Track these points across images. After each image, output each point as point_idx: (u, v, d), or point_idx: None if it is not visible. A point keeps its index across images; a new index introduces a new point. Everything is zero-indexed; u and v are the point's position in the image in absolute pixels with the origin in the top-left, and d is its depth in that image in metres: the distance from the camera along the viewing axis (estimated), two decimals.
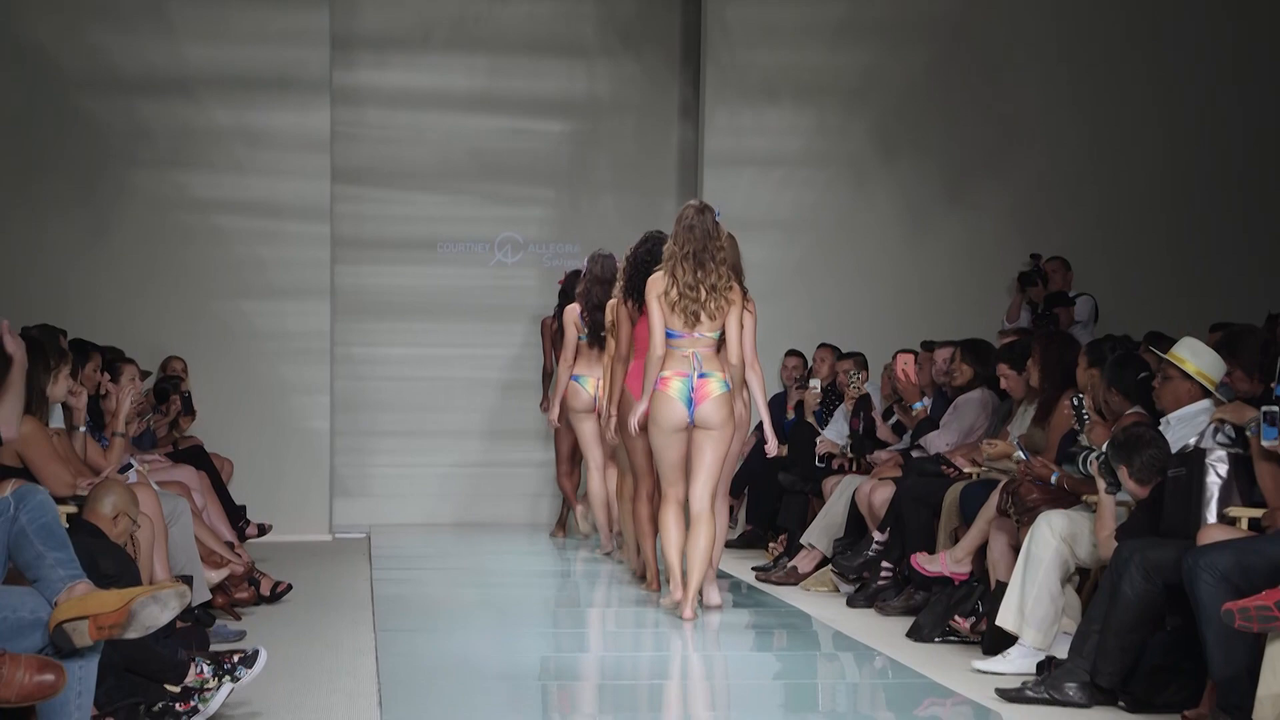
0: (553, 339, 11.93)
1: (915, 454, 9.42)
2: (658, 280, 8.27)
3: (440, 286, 13.11)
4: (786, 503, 10.62)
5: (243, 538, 9.85)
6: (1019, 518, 7.42)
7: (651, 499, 9.06)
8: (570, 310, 10.78)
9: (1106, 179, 12.96)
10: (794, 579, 9.65)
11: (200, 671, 5.91)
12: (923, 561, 8.16)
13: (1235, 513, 6.33)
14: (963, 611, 7.74)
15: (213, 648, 6.82)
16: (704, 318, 8.18)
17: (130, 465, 7.66)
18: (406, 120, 13.06)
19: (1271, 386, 6.27)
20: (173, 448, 10.06)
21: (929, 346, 10.11)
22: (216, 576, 8.09)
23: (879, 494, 9.05)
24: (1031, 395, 8.51)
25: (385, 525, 12.61)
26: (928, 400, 9.75)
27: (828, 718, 6.79)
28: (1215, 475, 6.38)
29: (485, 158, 13.14)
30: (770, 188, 12.80)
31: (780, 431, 11.43)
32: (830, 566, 9.39)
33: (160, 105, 12.24)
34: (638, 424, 8.48)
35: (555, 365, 11.34)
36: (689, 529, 8.28)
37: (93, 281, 12.10)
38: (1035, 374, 8.38)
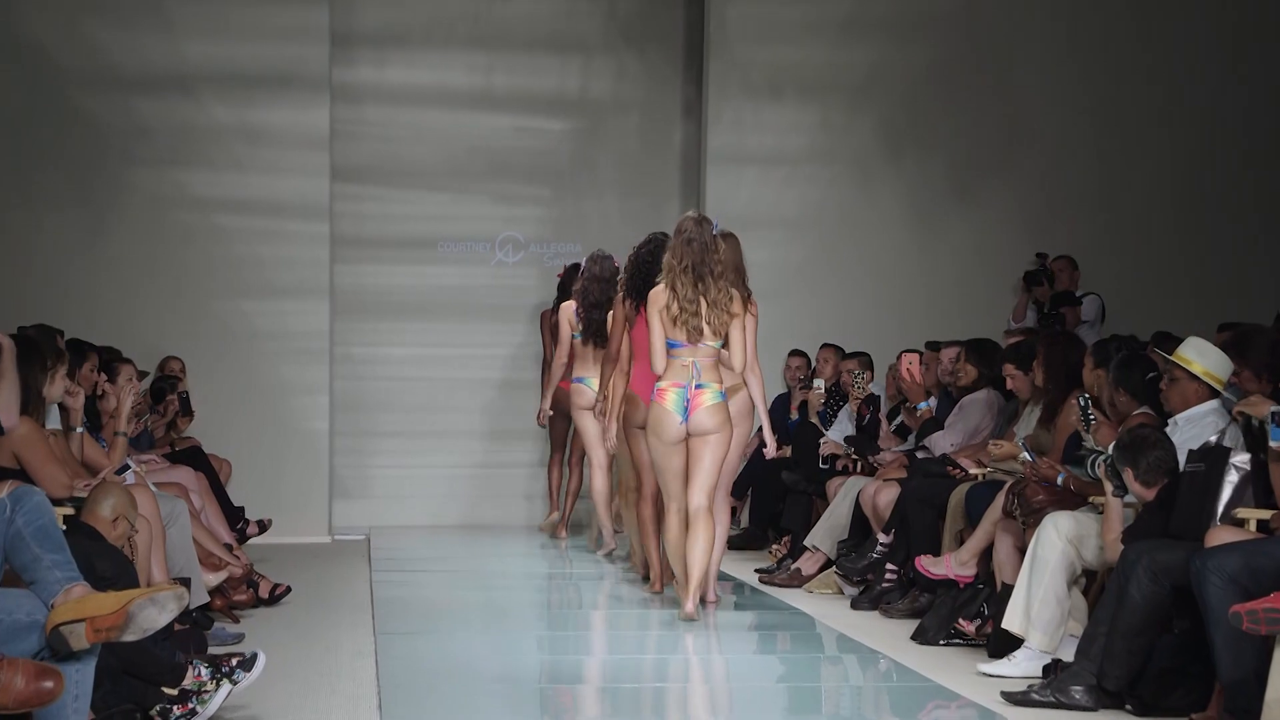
0: (551, 331, 11.95)
1: (920, 455, 9.41)
2: (658, 295, 8.32)
3: (441, 286, 13.10)
4: (790, 504, 10.62)
5: (243, 538, 9.85)
6: (1025, 519, 7.41)
7: (654, 499, 9.12)
8: (566, 307, 10.83)
9: (1114, 177, 12.93)
10: (797, 581, 9.65)
11: (198, 674, 5.91)
12: (927, 564, 8.16)
13: (1244, 513, 6.31)
14: (968, 614, 7.73)
15: (211, 650, 6.82)
16: (706, 331, 8.25)
17: (128, 466, 7.65)
18: (407, 118, 13.05)
19: None
20: (170, 448, 10.05)
21: (934, 346, 10.10)
22: (215, 579, 8.08)
23: (884, 495, 9.04)
24: (1037, 396, 8.50)
25: (385, 527, 12.60)
26: (933, 400, 9.74)
27: None
28: (1235, 474, 6.35)
29: (486, 156, 13.13)
30: (774, 186, 12.78)
31: (784, 432, 11.43)
32: (834, 568, 9.38)
33: (159, 103, 12.22)
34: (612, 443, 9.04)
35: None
36: (688, 530, 8.33)
37: (90, 281, 12.09)
38: (1040, 375, 8.39)
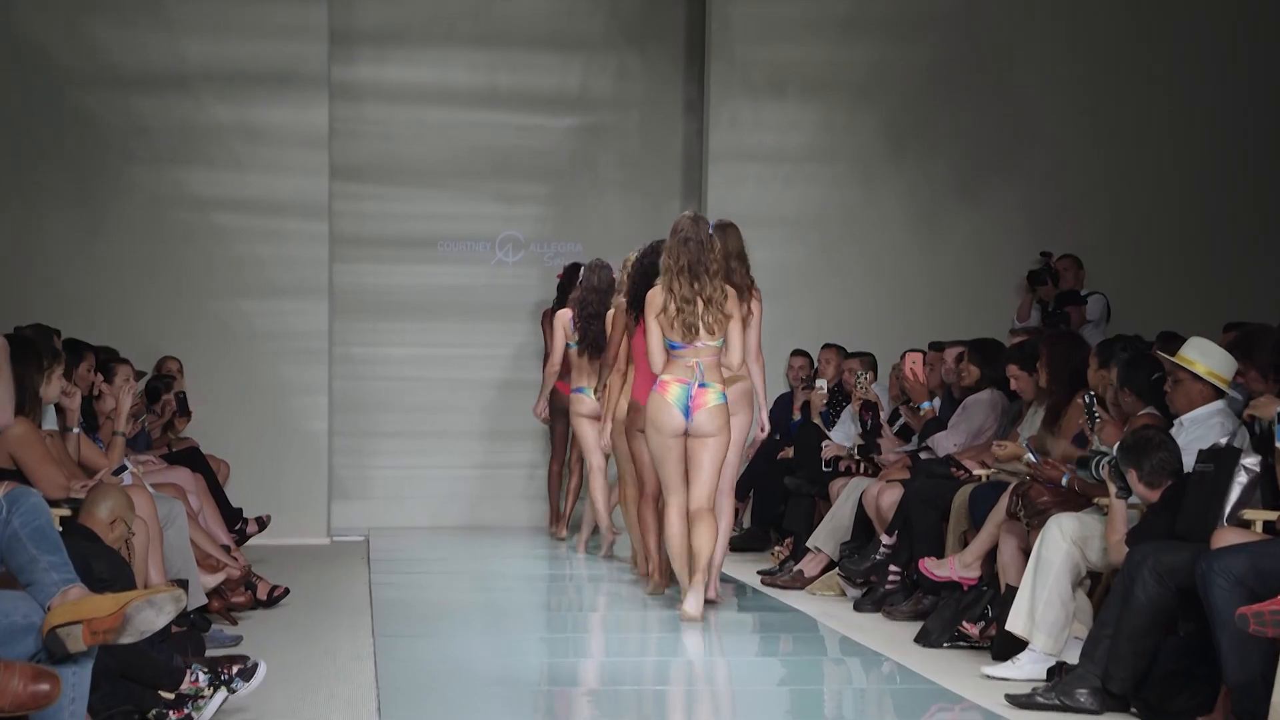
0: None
1: (923, 455, 9.41)
2: (655, 296, 8.42)
3: (440, 286, 13.10)
4: (792, 505, 10.61)
5: (242, 539, 9.84)
6: (1029, 521, 7.40)
7: (655, 499, 9.18)
8: (562, 315, 10.92)
9: (1118, 176, 12.92)
10: (800, 583, 9.64)
11: (195, 679, 5.90)
12: (931, 566, 8.15)
13: (1250, 515, 6.30)
14: (971, 616, 7.72)
15: (209, 653, 6.82)
16: (702, 331, 8.33)
17: (125, 467, 7.65)
18: (406, 116, 13.04)
19: None
20: (168, 449, 10.05)
21: (937, 347, 10.09)
22: (213, 581, 8.08)
23: (886, 496, 9.03)
24: (1041, 397, 8.49)
25: (384, 528, 12.61)
26: (937, 400, 9.73)
27: None
28: (1245, 475, 6.33)
29: (486, 155, 13.12)
30: (776, 185, 12.78)
31: (786, 433, 11.44)
32: (837, 570, 9.38)
33: (157, 101, 12.22)
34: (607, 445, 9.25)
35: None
36: (691, 527, 8.40)
37: (89, 280, 12.09)
38: (1044, 376, 8.38)
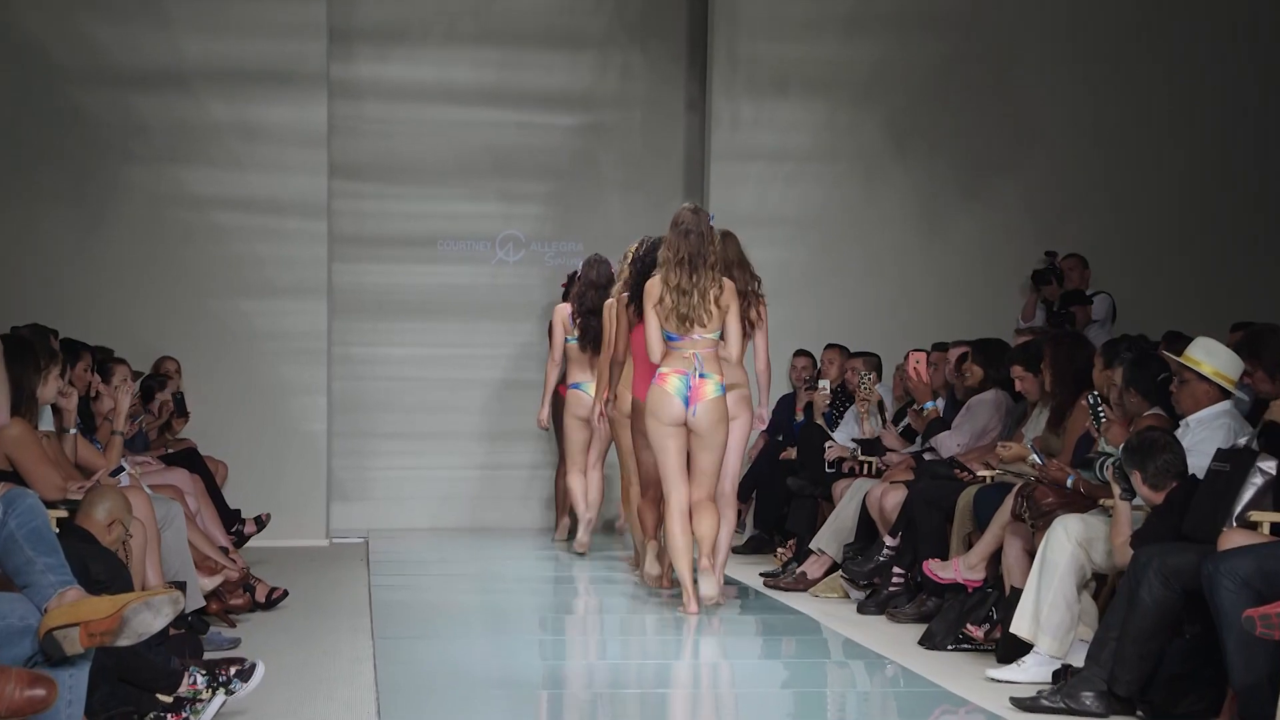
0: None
1: (927, 456, 9.40)
2: (654, 287, 8.53)
3: (440, 285, 13.09)
4: (795, 507, 10.60)
5: (241, 540, 9.84)
6: (1034, 522, 7.40)
7: (656, 500, 9.25)
8: (560, 310, 11.01)
9: (1123, 175, 12.92)
10: (803, 585, 9.64)
11: (194, 682, 5.90)
12: (935, 568, 8.14)
13: (1257, 517, 6.29)
14: (976, 618, 7.72)
15: (207, 656, 6.81)
16: (695, 323, 8.43)
17: (122, 468, 7.64)
18: (406, 115, 13.03)
19: None
20: (166, 450, 10.04)
21: (941, 348, 10.09)
22: (210, 583, 8.08)
23: (890, 498, 9.03)
24: (1046, 398, 8.49)
25: (384, 530, 12.60)
26: (941, 400, 9.73)
27: None
28: (1260, 477, 6.32)
29: (487, 153, 13.11)
30: (778, 184, 12.78)
31: (789, 434, 11.44)
32: (840, 572, 9.38)
33: (156, 99, 12.22)
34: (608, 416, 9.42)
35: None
36: (693, 519, 8.54)
37: (86, 280, 12.09)
38: (1048, 376, 8.38)
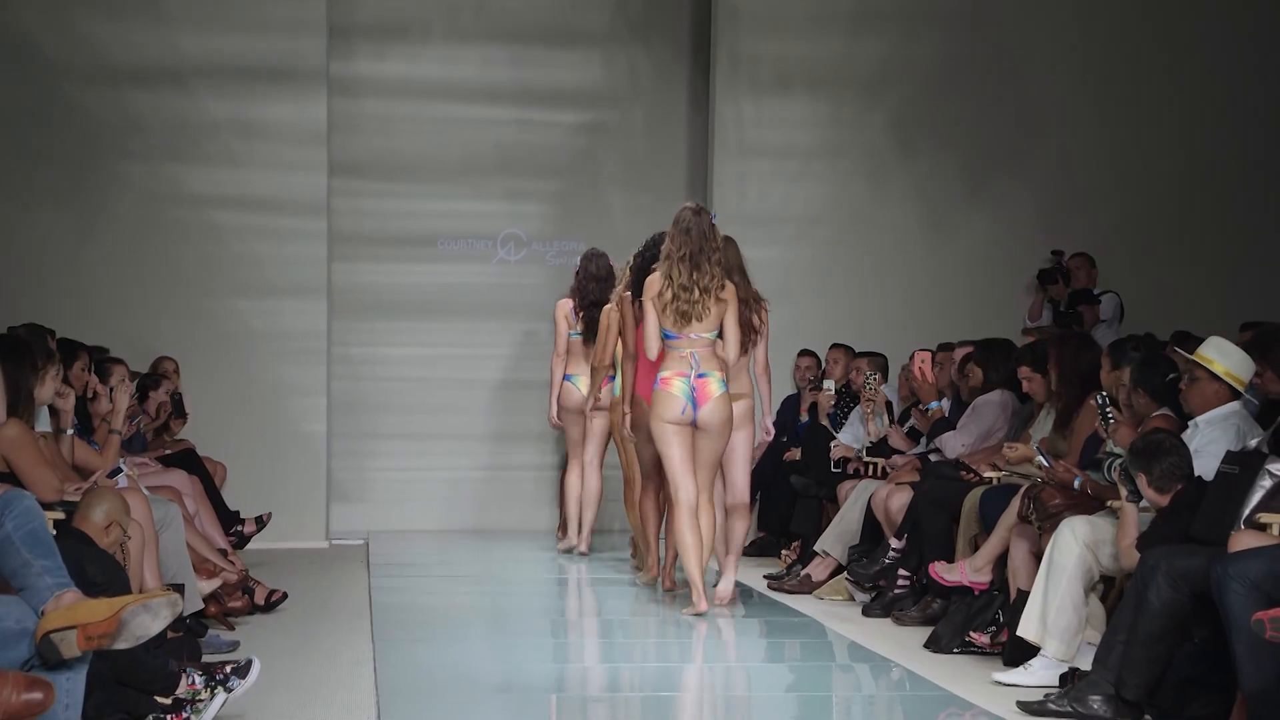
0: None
1: (932, 457, 9.40)
2: (653, 282, 8.63)
3: (441, 284, 13.08)
4: (800, 508, 10.61)
5: (241, 542, 9.85)
6: (1041, 524, 7.39)
7: (656, 493, 9.44)
8: (562, 304, 11.04)
9: (1131, 173, 12.91)
10: (808, 587, 9.64)
11: (192, 683, 5.91)
12: (941, 571, 8.14)
13: (1266, 518, 6.29)
14: (981, 624, 7.72)
15: (205, 658, 6.81)
16: (694, 320, 8.51)
17: (120, 470, 7.65)
18: (406, 112, 13.03)
19: None
20: (163, 451, 10.04)
21: (946, 347, 10.08)
22: (209, 586, 8.07)
23: (896, 499, 9.03)
24: (1053, 398, 8.49)
25: (384, 531, 12.59)
26: (946, 400, 9.73)
27: None
28: (1269, 479, 6.31)
29: (487, 151, 13.11)
30: (783, 182, 12.77)
31: (793, 434, 11.44)
32: (845, 574, 9.38)
33: (152, 96, 12.22)
34: (629, 433, 9.38)
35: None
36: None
37: (82, 279, 12.08)
38: (1054, 377, 8.38)
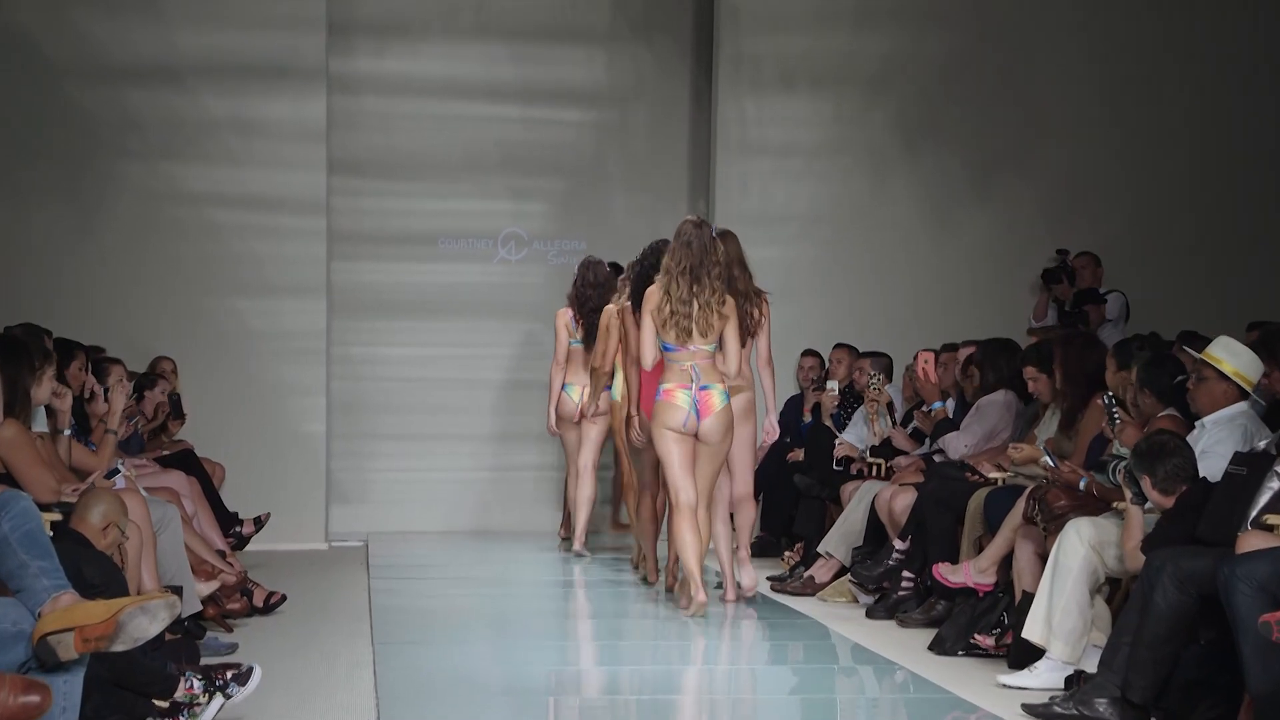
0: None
1: (936, 458, 9.40)
2: (652, 294, 8.68)
3: (441, 284, 13.08)
4: (803, 509, 10.61)
5: (240, 543, 9.85)
6: (1046, 525, 7.39)
7: (655, 500, 9.53)
8: (562, 314, 11.19)
9: (1137, 171, 12.90)
10: (811, 589, 9.64)
11: (190, 686, 5.90)
12: (945, 572, 8.13)
13: (1274, 520, 6.28)
14: (985, 627, 7.71)
15: (204, 661, 6.81)
16: (695, 333, 8.57)
17: (117, 470, 7.65)
18: (406, 110, 13.02)
19: None
20: (161, 452, 10.04)
21: (951, 348, 10.08)
22: (207, 588, 8.07)
23: (900, 500, 9.03)
24: (1058, 399, 8.49)
25: (384, 533, 12.59)
26: (950, 401, 9.72)
27: None
28: (1277, 481, 6.29)
29: (489, 150, 13.10)
30: (786, 180, 12.76)
31: (796, 435, 11.44)
32: (849, 576, 9.38)
33: (150, 94, 12.22)
34: (637, 435, 9.39)
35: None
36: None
37: (79, 279, 12.08)
38: (1059, 377, 8.38)
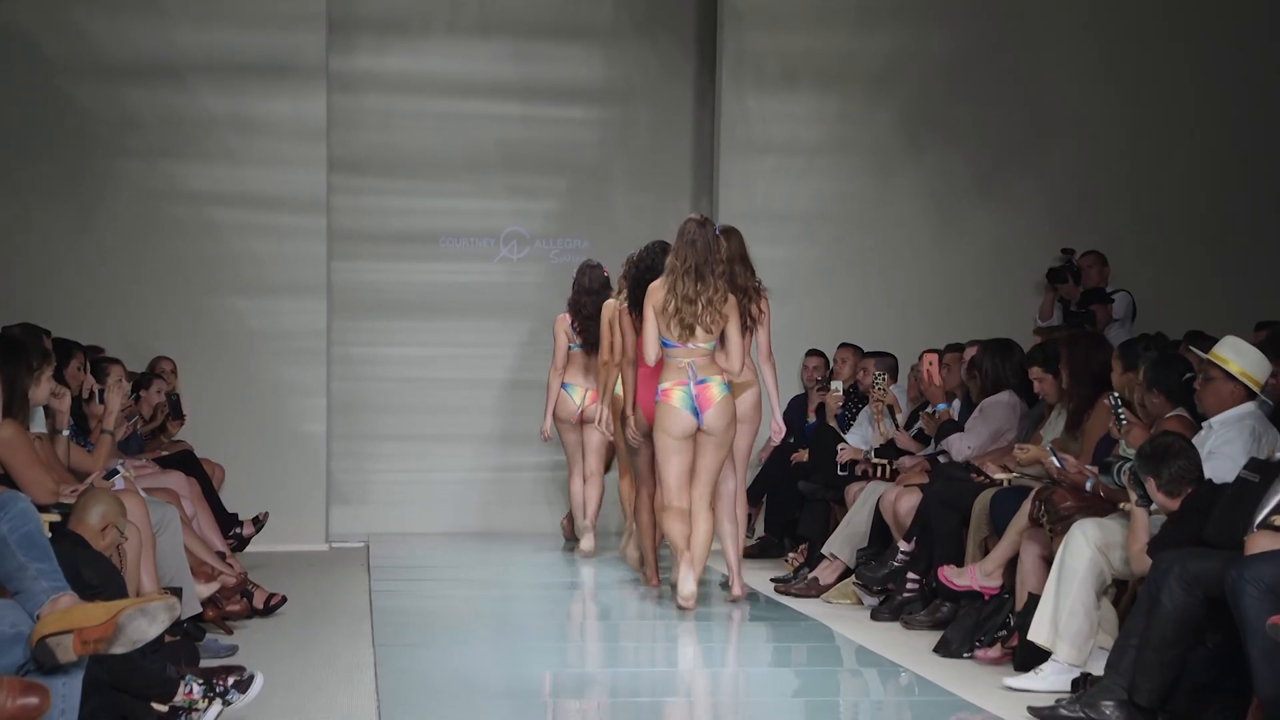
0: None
1: (941, 459, 9.40)
2: (656, 291, 8.75)
3: (442, 283, 13.08)
4: (807, 511, 10.60)
5: (240, 544, 9.85)
6: (1052, 527, 7.39)
7: (652, 500, 9.50)
8: (561, 320, 11.41)
9: (1143, 170, 12.90)
10: (815, 591, 9.64)
11: (190, 691, 5.90)
12: (951, 575, 8.13)
13: None
14: (992, 627, 7.71)
15: (204, 664, 6.81)
16: (699, 330, 8.66)
17: (116, 471, 7.65)
18: (407, 108, 13.02)
19: None
20: (160, 452, 10.04)
21: (956, 348, 10.07)
22: (207, 589, 8.07)
23: (904, 501, 9.03)
24: (1065, 399, 8.48)
25: (384, 534, 12.59)
26: (956, 402, 9.72)
27: None
28: None
29: (490, 148, 13.10)
30: (790, 178, 12.76)
31: (800, 435, 11.43)
32: (853, 578, 9.38)
33: (149, 92, 12.22)
34: (633, 433, 9.42)
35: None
36: (690, 525, 8.79)
37: (78, 278, 12.09)
38: (1065, 377, 8.38)
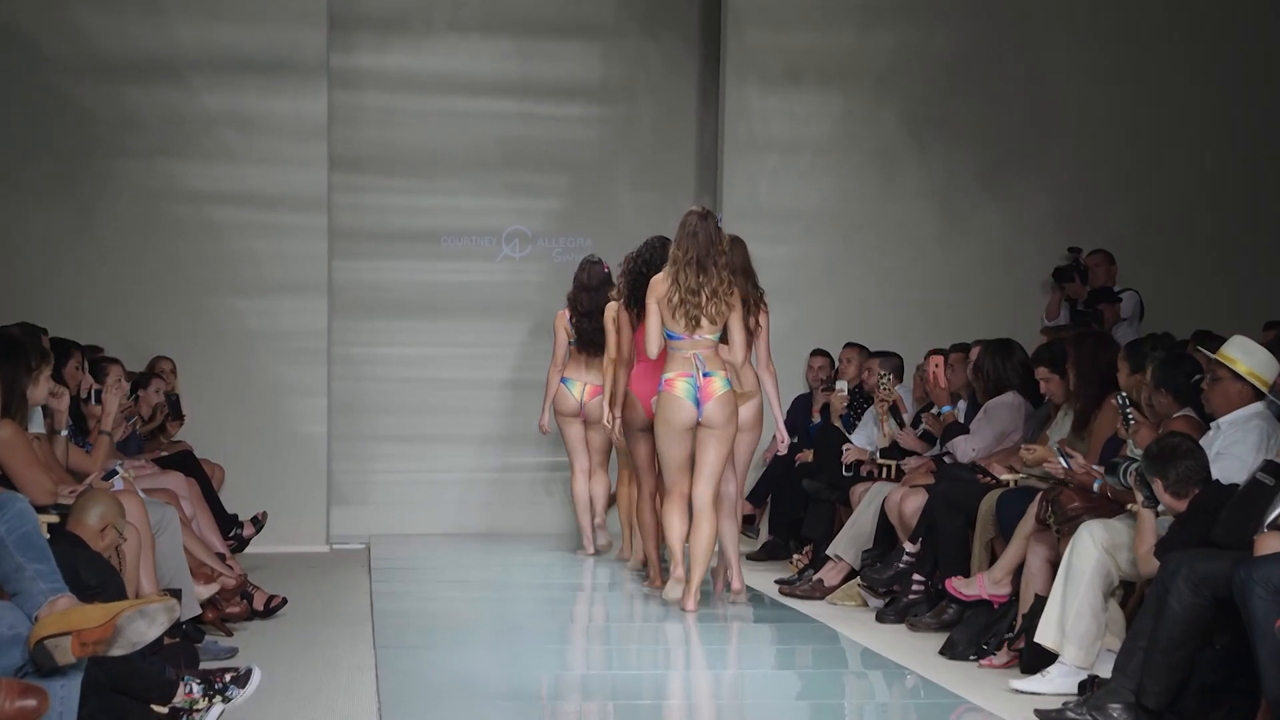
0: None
1: (946, 460, 9.39)
2: (659, 283, 8.82)
3: (444, 282, 13.08)
4: (812, 512, 10.60)
5: (241, 545, 9.85)
6: (1059, 528, 7.38)
7: (654, 499, 9.55)
8: (561, 316, 11.39)
9: (1150, 168, 12.89)
10: (820, 592, 9.64)
11: (189, 691, 5.90)
12: (959, 585, 8.11)
13: None
14: (998, 631, 7.70)
15: (203, 665, 6.81)
16: (704, 321, 8.74)
17: (115, 471, 7.65)
18: (408, 106, 13.01)
19: None
20: (160, 453, 10.04)
21: (961, 348, 10.06)
22: (207, 591, 8.07)
23: (910, 502, 9.02)
24: (1071, 399, 8.47)
25: (385, 535, 12.58)
26: (962, 403, 9.71)
27: None
28: None
29: (492, 146, 13.09)
30: (793, 177, 12.75)
31: (805, 436, 11.43)
32: (858, 579, 9.37)
33: (148, 91, 12.22)
34: (619, 426, 9.53)
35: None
36: (691, 524, 8.83)
37: (77, 277, 12.09)
38: (1072, 377, 8.38)
